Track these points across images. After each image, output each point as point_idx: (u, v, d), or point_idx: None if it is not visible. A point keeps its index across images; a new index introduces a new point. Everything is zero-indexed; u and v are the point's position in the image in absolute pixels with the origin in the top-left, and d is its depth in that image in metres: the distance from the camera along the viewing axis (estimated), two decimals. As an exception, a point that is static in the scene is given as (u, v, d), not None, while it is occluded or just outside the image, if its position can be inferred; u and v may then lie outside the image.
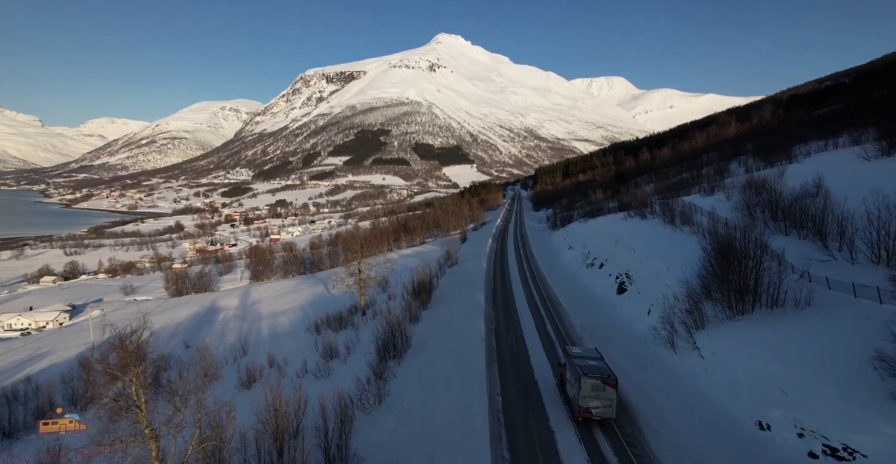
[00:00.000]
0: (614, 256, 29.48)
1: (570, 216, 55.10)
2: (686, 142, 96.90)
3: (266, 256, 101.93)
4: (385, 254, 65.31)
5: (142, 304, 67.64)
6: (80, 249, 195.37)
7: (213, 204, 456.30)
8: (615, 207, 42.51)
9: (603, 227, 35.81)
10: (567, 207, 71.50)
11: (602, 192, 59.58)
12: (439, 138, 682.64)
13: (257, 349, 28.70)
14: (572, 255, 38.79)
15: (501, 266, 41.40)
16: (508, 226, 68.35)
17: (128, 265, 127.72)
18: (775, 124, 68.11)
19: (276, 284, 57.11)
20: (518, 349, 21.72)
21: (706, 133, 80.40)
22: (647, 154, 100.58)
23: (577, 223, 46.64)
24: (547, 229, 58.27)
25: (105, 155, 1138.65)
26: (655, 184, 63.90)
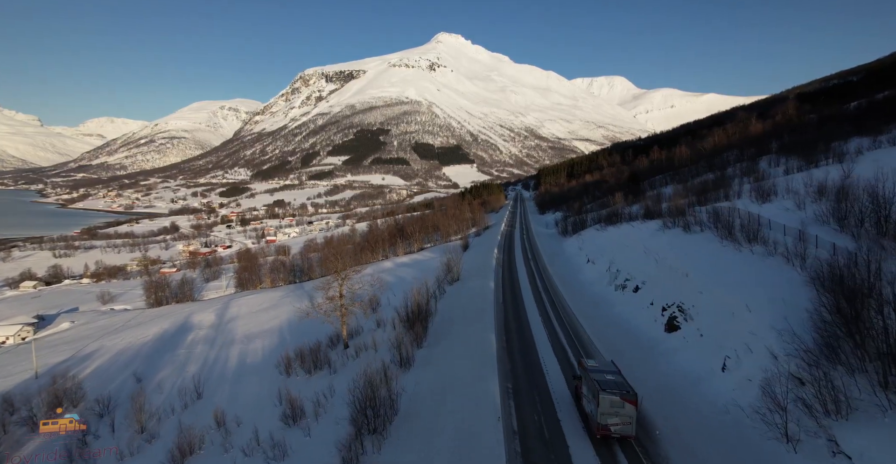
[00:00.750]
0: (655, 278, 23.88)
1: (582, 221, 49.66)
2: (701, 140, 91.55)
3: (255, 261, 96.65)
4: (379, 262, 59.94)
5: (117, 315, 62.35)
6: (70, 251, 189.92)
7: (211, 204, 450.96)
8: (639, 214, 36.94)
9: (632, 239, 29.71)
10: (577, 210, 66.06)
11: (622, 196, 54.11)
12: (439, 138, 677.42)
13: (214, 393, 23.35)
14: (594, 271, 33.46)
15: (511, 285, 34.54)
16: (514, 231, 62.75)
17: (113, 270, 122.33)
18: (803, 120, 62.87)
19: (260, 295, 51.80)
20: (552, 438, 15.39)
21: (724, 131, 74.98)
22: (658, 153, 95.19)
23: (594, 230, 41.00)
24: (557, 236, 52.81)
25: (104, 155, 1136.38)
26: (674, 185, 58.54)
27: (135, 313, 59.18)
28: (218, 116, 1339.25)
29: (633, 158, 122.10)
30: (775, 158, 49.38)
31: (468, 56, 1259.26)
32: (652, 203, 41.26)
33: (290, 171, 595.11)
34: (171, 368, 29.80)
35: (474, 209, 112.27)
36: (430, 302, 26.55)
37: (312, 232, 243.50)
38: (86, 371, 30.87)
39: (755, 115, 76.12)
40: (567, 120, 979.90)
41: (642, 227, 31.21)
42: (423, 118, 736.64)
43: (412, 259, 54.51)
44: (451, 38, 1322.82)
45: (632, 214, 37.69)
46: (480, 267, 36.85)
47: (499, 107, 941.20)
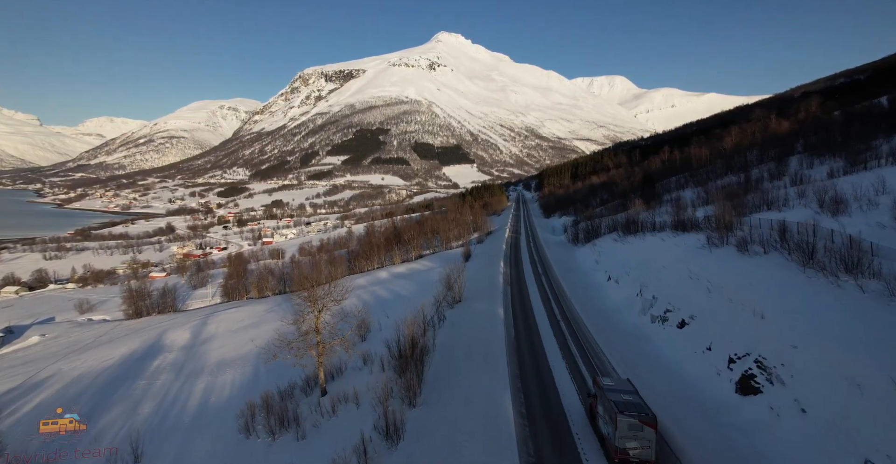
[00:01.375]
0: (709, 313, 19.04)
1: (595, 228, 45.13)
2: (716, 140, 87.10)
3: (243, 267, 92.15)
4: (374, 271, 55.47)
5: (93, 327, 57.90)
6: (61, 253, 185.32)
7: (209, 204, 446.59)
8: (667, 224, 32.16)
9: (666, 256, 25.88)
10: (587, 215, 61.57)
11: (640, 201, 49.57)
12: (439, 138, 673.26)
13: (156, 455, 18.80)
14: (620, 294, 28.48)
15: (523, 311, 28.12)
16: (519, 238, 57.92)
17: (100, 274, 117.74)
18: (830, 118, 58.49)
19: (243, 309, 47.39)
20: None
21: (741, 129, 70.49)
22: (669, 153, 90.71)
23: (610, 240, 36.31)
24: (567, 244, 48.18)
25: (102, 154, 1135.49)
26: (693, 188, 54.05)
27: (110, 326, 54.71)
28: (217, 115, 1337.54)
29: (640, 158, 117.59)
30: (807, 159, 44.86)
31: (468, 55, 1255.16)
32: (676, 209, 36.72)
33: (289, 171, 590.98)
34: (123, 406, 25.26)
35: (475, 212, 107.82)
36: (428, 332, 22.03)
37: (310, 233, 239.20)
38: (25, 408, 26.43)
39: (774, 112, 71.72)
40: (567, 120, 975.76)
41: (676, 241, 26.29)
42: (423, 118, 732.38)
43: (409, 269, 50.03)
44: (451, 38, 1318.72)
45: (657, 224, 33.05)
46: (485, 284, 32.12)
47: (499, 106, 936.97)
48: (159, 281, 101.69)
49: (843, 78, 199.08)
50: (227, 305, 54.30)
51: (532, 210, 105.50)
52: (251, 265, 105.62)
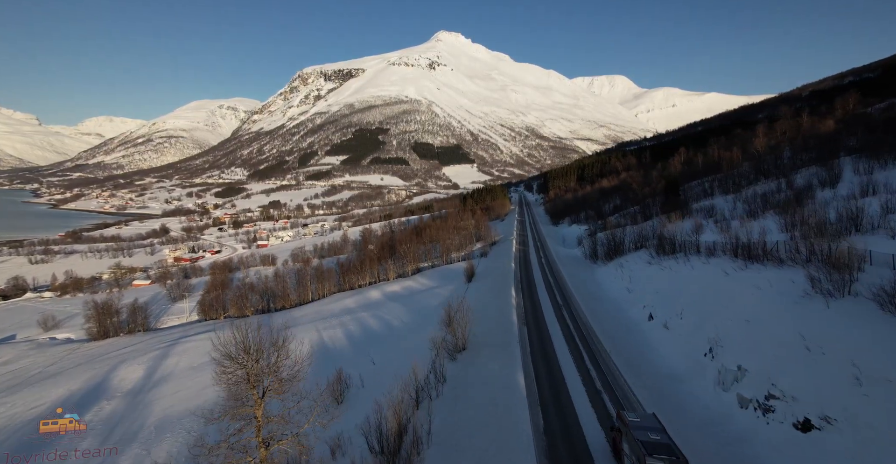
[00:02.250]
0: (863, 419, 12.05)
1: (618, 243, 38.96)
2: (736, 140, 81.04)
3: (226, 276, 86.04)
4: (365, 289, 49.36)
5: (49, 350, 51.87)
6: (48, 257, 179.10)
7: (206, 205, 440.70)
8: (718, 246, 25.42)
9: (746, 303, 19.06)
10: (604, 225, 55.51)
11: (667, 212, 43.41)
12: (439, 137, 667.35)
13: None
14: (674, 346, 21.30)
15: (550, 375, 19.90)
16: (528, 251, 52.10)
17: (79, 282, 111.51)
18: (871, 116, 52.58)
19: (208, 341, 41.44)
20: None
21: (772, 129, 64.39)
22: (685, 155, 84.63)
23: (641, 261, 29.90)
24: (584, 261, 42.19)
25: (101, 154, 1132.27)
26: (722, 196, 47.95)
27: (68, 350, 48.69)
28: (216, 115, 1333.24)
29: (651, 160, 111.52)
30: (865, 162, 38.86)
31: (468, 55, 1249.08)
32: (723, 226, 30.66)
33: (288, 171, 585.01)
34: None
35: (478, 219, 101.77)
36: (422, 407, 16.14)
37: (306, 236, 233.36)
38: None
39: (806, 110, 65.73)
40: (568, 119, 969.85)
41: (752, 278, 18.85)
42: (423, 117, 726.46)
43: (405, 288, 44.03)
44: (451, 37, 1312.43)
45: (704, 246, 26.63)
46: (495, 323, 25.56)
47: (499, 106, 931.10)
48: (142, 290, 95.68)
49: (851, 76, 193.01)
50: (200, 327, 48.23)
51: (538, 215, 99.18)
52: (239, 273, 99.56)
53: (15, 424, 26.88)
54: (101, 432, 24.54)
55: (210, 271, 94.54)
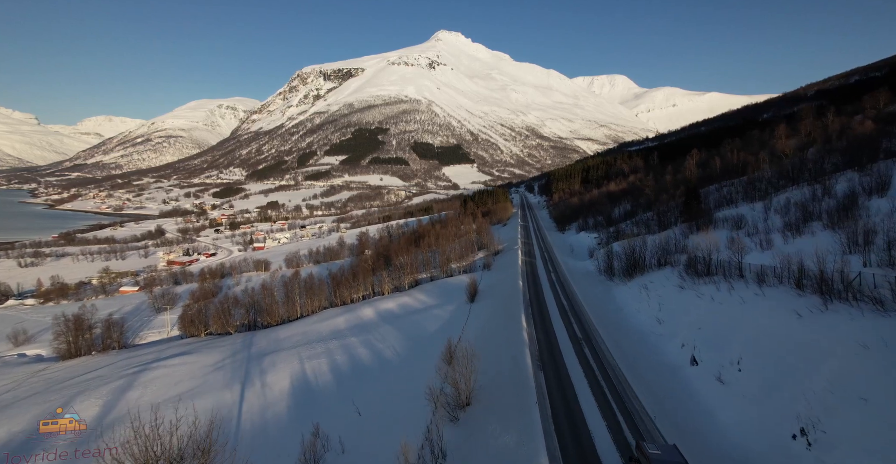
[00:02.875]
0: None
1: (637, 258, 34.65)
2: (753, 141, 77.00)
3: (215, 285, 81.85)
4: (358, 305, 45.18)
5: (12, 371, 47.70)
6: (38, 260, 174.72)
7: (203, 205, 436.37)
8: (770, 272, 20.96)
9: (852, 369, 13.67)
10: (616, 233, 51.33)
11: (702, 225, 39.00)
12: (439, 137, 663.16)
13: None
14: (737, 409, 16.48)
15: (580, 450, 15.09)
16: (535, 264, 47.10)
17: (64, 289, 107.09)
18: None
19: (187, 361, 37.24)
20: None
21: (796, 129, 60.22)
22: (698, 156, 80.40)
23: (671, 284, 25.36)
24: (599, 276, 38.06)
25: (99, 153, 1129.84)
26: (748, 204, 43.80)
27: (31, 372, 44.50)
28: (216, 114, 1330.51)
29: (659, 161, 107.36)
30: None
31: (468, 54, 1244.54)
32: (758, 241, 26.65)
33: (286, 171, 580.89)
34: None
35: (480, 225, 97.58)
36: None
37: (303, 238, 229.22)
38: None
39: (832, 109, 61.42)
40: (569, 119, 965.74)
41: (845, 327, 15.35)
42: (423, 117, 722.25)
43: (401, 305, 39.88)
44: (451, 37, 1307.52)
45: (754, 271, 22.40)
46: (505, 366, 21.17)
47: (499, 105, 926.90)
48: (128, 298, 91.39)
49: (857, 75, 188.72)
50: (177, 347, 44.01)
51: (542, 220, 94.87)
52: (230, 280, 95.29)
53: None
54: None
55: (199, 278, 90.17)
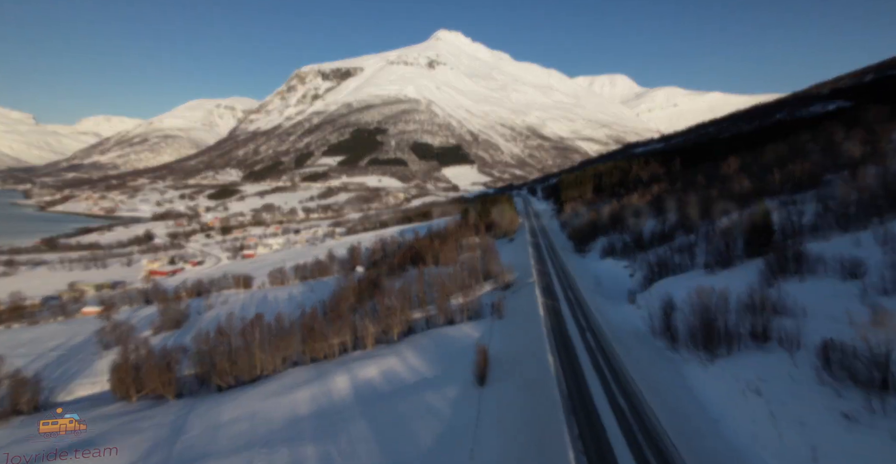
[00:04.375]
0: None
1: (715, 321, 24.01)
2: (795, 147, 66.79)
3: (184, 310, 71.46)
4: (328, 371, 35.00)
5: None
6: (10, 269, 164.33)
7: (197, 208, 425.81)
8: None
9: None
10: (658, 268, 41.01)
11: (793, 268, 28.68)
12: (438, 137, 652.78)
13: None
14: None
15: None
16: (560, 311, 35.16)
17: (16, 309, 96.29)
18: None
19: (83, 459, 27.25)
20: None
21: (875, 133, 50.01)
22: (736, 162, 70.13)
23: (821, 407, 15.74)
24: (652, 340, 27.48)
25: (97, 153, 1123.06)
26: (852, 234, 33.65)
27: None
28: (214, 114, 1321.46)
29: (682, 167, 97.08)
30: None
31: (468, 54, 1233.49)
32: None
33: (283, 172, 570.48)
34: None
35: (482, 237, 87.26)
36: None
37: (297, 244, 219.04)
38: None
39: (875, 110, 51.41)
40: (570, 119, 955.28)
41: None
42: (422, 117, 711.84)
43: (385, 374, 29.62)
44: (450, 36, 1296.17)
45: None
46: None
47: (500, 105, 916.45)
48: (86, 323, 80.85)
49: (872, 74, 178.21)
50: (92, 421, 33.50)
51: (553, 234, 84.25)
52: (203, 301, 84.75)
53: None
54: None
55: (167, 299, 79.57)
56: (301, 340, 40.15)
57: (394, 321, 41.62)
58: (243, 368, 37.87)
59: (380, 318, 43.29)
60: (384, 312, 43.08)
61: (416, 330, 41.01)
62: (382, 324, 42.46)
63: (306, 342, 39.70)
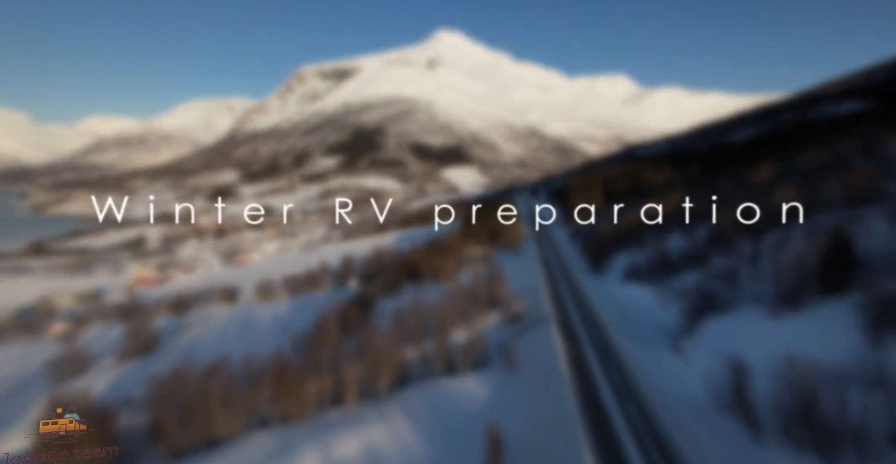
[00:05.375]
0: None
1: (817, 411, 17.85)
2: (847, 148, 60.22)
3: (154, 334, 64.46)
4: (296, 439, 28.18)
5: None
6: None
7: (193, 209, 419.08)
8: None
9: None
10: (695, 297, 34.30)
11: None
12: (438, 138, 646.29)
13: None
14: None
15: None
16: (586, 362, 28.57)
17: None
18: None
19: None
20: None
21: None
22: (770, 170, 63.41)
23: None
24: (725, 422, 21.46)
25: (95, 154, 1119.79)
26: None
27: None
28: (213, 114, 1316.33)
29: (701, 173, 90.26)
30: None
31: (468, 54, 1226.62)
32: None
33: (282, 172, 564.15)
34: None
35: (484, 248, 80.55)
36: None
37: (292, 250, 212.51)
38: None
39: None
40: (570, 119, 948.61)
41: None
42: (422, 117, 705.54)
43: (367, 451, 23.08)
44: (450, 36, 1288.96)
45: None
46: None
47: (500, 106, 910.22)
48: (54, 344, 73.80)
49: (884, 72, 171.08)
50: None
51: (563, 247, 77.27)
52: (180, 320, 77.71)
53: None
54: None
55: (132, 321, 72.36)
56: (270, 395, 33.21)
57: (382, 365, 34.69)
58: (197, 429, 30.94)
59: (367, 357, 36.39)
60: (372, 353, 36.19)
61: (409, 377, 34.11)
62: (369, 366, 35.55)
63: (275, 398, 32.78)
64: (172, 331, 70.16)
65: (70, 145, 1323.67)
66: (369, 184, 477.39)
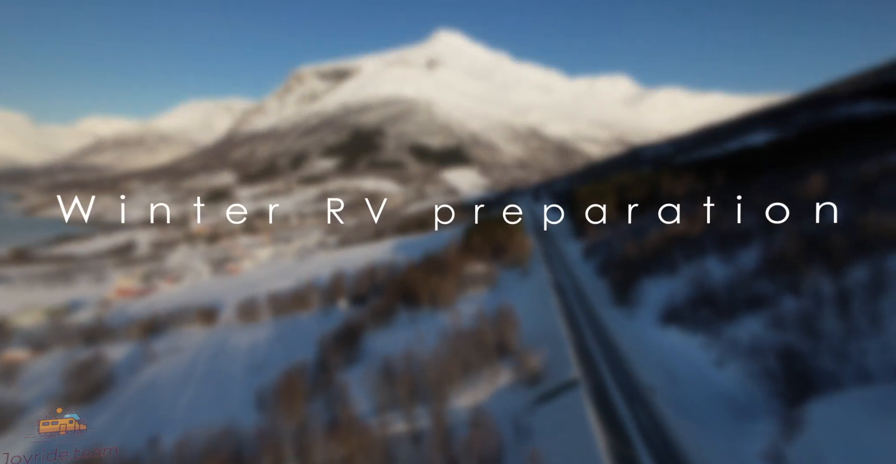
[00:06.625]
0: None
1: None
2: None
3: (100, 380, 55.73)
4: None
5: None
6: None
7: (188, 212, 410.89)
8: None
9: None
10: (802, 370, 25.98)
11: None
12: (438, 139, 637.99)
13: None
14: None
15: None
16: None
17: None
18: None
19: None
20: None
21: None
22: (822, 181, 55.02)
23: None
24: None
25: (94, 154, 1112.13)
26: None
27: None
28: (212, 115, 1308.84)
29: (727, 181, 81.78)
30: None
31: (468, 54, 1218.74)
32: None
33: (279, 174, 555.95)
34: None
35: (488, 265, 72.11)
36: None
37: (286, 257, 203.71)
38: None
39: None
40: (571, 120, 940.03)
41: None
42: (421, 118, 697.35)
43: None
44: (450, 36, 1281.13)
45: None
46: None
47: (500, 106, 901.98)
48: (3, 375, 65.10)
49: (890, 73, 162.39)
50: None
51: (576, 266, 68.71)
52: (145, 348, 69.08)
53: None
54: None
55: (80, 361, 63.23)
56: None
57: (359, 451, 26.18)
58: None
59: (341, 437, 27.94)
60: (347, 431, 27.72)
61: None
62: (344, 451, 27.11)
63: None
64: (132, 365, 61.51)
65: (68, 146, 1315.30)
66: (368, 186, 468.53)
